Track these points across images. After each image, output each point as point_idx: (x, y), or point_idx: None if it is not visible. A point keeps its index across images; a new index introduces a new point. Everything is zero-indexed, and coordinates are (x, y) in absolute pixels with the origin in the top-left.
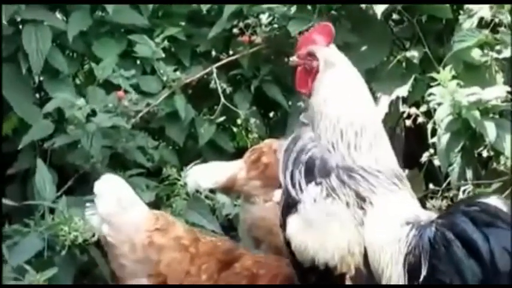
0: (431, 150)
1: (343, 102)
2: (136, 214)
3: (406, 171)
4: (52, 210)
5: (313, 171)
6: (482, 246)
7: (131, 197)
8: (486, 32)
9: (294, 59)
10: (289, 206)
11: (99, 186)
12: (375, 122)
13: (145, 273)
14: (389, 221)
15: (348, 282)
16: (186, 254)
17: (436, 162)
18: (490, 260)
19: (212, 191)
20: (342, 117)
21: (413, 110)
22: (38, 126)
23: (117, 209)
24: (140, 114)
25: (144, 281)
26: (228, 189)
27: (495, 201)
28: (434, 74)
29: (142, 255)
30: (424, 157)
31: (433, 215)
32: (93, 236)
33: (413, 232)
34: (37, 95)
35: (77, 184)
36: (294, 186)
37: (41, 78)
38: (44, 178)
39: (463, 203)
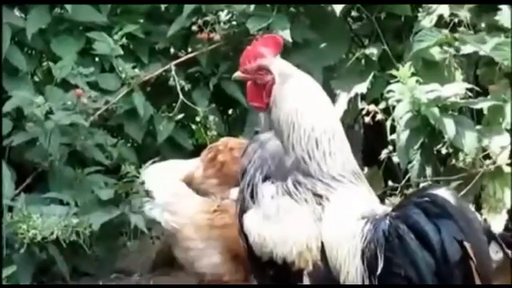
0: (390, 147)
1: (313, 110)
2: (192, 198)
3: (366, 168)
4: (11, 208)
5: (270, 174)
6: (433, 237)
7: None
8: (446, 31)
9: (238, 74)
10: (247, 202)
11: (149, 177)
12: (340, 126)
13: (215, 250)
14: (345, 216)
15: (305, 277)
16: None
17: (395, 159)
18: (440, 250)
19: None
20: (316, 126)
21: (372, 107)
22: None
23: (174, 197)
24: (99, 112)
25: (216, 259)
26: None
27: (443, 192)
28: (393, 71)
29: (207, 234)
30: (383, 154)
31: (389, 210)
32: (52, 233)
33: (369, 226)
34: None
35: (36, 182)
36: (249, 186)
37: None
38: (2, 176)
39: (415, 195)
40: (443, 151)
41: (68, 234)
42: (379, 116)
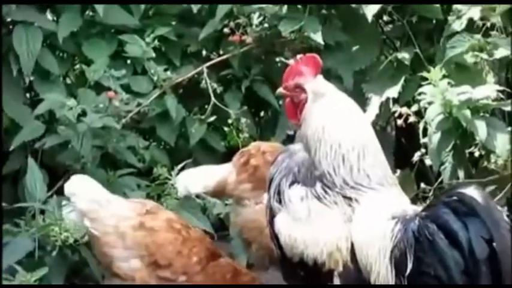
0: (423, 150)
1: (341, 128)
2: (117, 205)
3: (398, 171)
4: (43, 211)
5: (298, 180)
6: (462, 236)
7: (104, 193)
8: (478, 36)
9: (280, 91)
10: (275, 207)
11: (70, 186)
12: (373, 142)
13: (136, 255)
14: (375, 217)
15: (336, 278)
16: (179, 235)
17: (428, 161)
18: (469, 249)
19: None
20: (343, 143)
21: (404, 110)
22: (29, 127)
23: (95, 205)
24: (131, 114)
25: (136, 262)
26: (219, 193)
27: (471, 190)
28: (425, 73)
29: (132, 240)
30: (416, 157)
31: (419, 210)
32: (84, 236)
33: (399, 226)
34: (28, 96)
35: None
36: (276, 191)
37: (32, 79)
38: (35, 178)
39: (444, 195)
40: (476, 153)
41: None
42: (412, 119)
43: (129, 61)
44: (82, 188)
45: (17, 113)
